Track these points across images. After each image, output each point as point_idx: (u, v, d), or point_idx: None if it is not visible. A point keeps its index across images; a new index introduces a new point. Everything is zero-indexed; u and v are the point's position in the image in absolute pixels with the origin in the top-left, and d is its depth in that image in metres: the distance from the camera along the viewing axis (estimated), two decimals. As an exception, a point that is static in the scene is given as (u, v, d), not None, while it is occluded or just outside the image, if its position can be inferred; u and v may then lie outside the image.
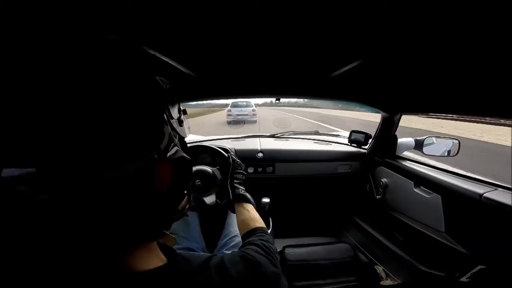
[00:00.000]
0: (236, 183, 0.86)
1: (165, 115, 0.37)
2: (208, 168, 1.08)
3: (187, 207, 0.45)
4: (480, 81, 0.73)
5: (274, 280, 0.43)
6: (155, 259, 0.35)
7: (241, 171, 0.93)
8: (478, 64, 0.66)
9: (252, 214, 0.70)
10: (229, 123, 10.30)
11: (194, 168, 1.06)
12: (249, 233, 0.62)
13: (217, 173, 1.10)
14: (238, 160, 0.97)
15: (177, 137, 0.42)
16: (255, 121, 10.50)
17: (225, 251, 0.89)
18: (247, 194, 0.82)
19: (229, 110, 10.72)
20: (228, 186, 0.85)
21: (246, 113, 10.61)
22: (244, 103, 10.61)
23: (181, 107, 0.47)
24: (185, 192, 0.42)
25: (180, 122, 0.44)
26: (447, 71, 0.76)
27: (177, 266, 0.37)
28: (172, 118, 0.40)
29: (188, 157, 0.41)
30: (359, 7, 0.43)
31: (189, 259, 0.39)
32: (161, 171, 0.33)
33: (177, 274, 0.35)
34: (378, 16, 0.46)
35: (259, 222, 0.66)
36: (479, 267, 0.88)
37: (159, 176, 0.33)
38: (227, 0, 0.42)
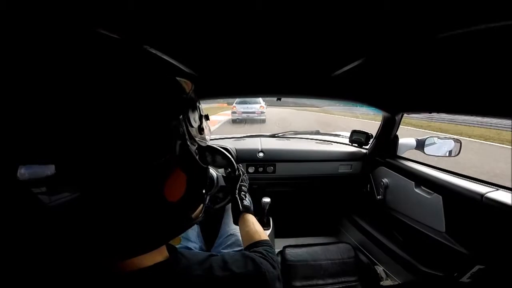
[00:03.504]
0: (243, 194, 0.89)
1: (183, 123, 0.36)
2: (213, 171, 1.07)
3: (200, 216, 0.45)
4: (482, 80, 0.72)
5: (273, 280, 0.44)
6: (156, 255, 0.36)
7: (246, 184, 0.96)
8: (479, 64, 0.65)
9: (256, 227, 0.72)
10: (233, 121, 9.69)
11: None
12: (253, 245, 0.63)
13: (220, 179, 1.09)
14: (246, 173, 0.99)
15: (196, 146, 0.41)
16: (263, 120, 9.61)
17: (222, 250, 0.91)
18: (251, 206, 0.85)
19: (234, 107, 9.82)
20: (237, 196, 0.86)
21: (253, 110, 9.66)
22: (252, 99, 9.52)
23: (202, 113, 0.45)
24: (200, 201, 0.42)
25: (201, 130, 0.42)
26: (448, 71, 0.76)
27: (177, 262, 0.38)
28: (191, 126, 0.38)
29: (205, 165, 0.41)
30: (360, 7, 0.43)
31: (188, 256, 0.40)
32: (173, 180, 0.33)
33: (176, 269, 0.36)
34: (379, 16, 0.46)
35: (263, 236, 0.68)
36: (477, 267, 0.88)
37: (171, 184, 0.33)
38: (228, 1, 0.42)
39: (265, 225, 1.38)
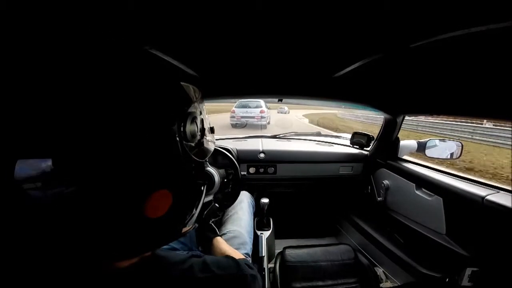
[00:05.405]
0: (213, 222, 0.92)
1: (177, 139, 0.34)
2: (213, 171, 1.07)
3: (191, 228, 0.45)
4: (482, 83, 0.72)
5: (251, 281, 0.45)
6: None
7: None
8: (480, 66, 0.65)
9: (231, 249, 0.75)
10: (233, 126, 9.05)
11: None
12: None
13: (219, 188, 1.09)
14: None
15: (192, 160, 0.38)
16: (264, 126, 8.85)
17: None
18: None
19: (233, 111, 9.27)
20: (211, 223, 0.88)
21: (252, 115, 9.12)
22: (253, 103, 9.11)
23: (206, 126, 0.43)
24: (191, 218, 0.42)
25: (199, 145, 0.40)
26: (449, 73, 0.76)
27: (154, 262, 0.38)
28: (187, 140, 0.36)
29: (202, 181, 0.41)
30: (360, 7, 0.43)
31: (166, 256, 0.40)
32: (156, 199, 0.32)
33: (153, 269, 0.37)
34: (380, 17, 0.47)
35: (240, 255, 0.70)
36: (470, 269, 0.88)
37: (154, 202, 0.31)
38: (229, 2, 0.42)
39: (265, 226, 1.38)
